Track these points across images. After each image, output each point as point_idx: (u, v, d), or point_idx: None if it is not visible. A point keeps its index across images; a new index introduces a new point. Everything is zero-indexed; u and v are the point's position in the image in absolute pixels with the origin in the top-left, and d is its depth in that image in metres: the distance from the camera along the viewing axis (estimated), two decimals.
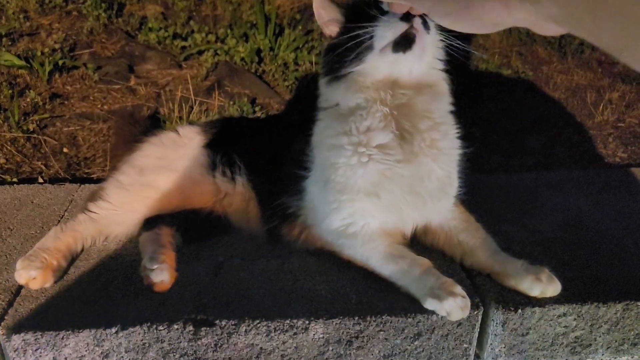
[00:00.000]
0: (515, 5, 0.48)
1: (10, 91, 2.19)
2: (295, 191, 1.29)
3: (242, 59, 2.59)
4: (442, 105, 1.20)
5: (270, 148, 1.43)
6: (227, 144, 1.44)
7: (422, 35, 1.07)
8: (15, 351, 1.07)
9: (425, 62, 1.13)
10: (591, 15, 0.43)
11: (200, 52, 2.63)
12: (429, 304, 1.08)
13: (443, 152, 1.19)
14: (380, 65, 1.12)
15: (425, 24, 1.07)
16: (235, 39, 2.66)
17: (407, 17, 1.05)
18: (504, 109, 2.39)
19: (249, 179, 1.40)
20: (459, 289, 1.08)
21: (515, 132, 2.23)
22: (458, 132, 1.23)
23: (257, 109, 2.29)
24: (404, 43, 1.08)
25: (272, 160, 1.38)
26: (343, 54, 1.12)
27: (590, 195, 1.62)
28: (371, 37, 1.08)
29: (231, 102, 2.29)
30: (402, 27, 1.06)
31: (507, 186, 1.68)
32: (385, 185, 1.16)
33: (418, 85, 1.16)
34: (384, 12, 1.08)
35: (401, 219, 1.22)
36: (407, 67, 1.13)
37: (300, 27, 2.78)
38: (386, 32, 1.07)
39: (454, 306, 1.05)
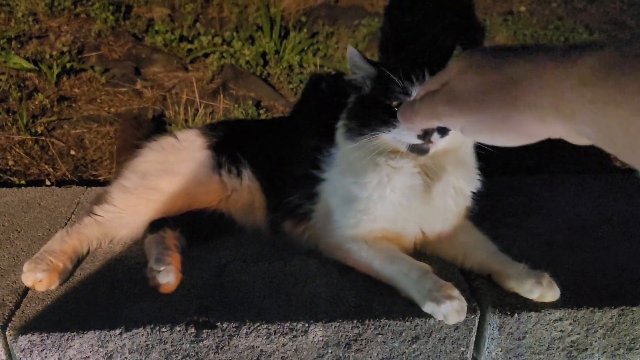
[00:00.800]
0: (550, 120, 0.49)
1: (19, 94, 2.23)
2: (309, 194, 1.33)
3: (248, 62, 2.62)
4: (465, 163, 1.25)
5: (275, 140, 1.48)
6: (230, 142, 1.48)
7: (437, 142, 1.10)
8: (22, 351, 1.09)
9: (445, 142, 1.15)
10: (630, 143, 0.43)
11: (206, 55, 2.66)
12: (427, 307, 1.10)
13: (461, 193, 1.26)
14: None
15: (443, 130, 1.08)
16: (241, 42, 2.68)
17: (424, 135, 1.07)
18: None
19: (254, 170, 1.43)
20: (456, 292, 1.10)
21: None
22: (478, 176, 1.28)
23: (261, 111, 2.31)
24: (418, 149, 1.12)
25: (278, 151, 1.43)
26: (364, 126, 1.14)
27: (590, 199, 1.64)
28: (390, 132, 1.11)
29: (236, 105, 2.31)
30: (417, 141, 1.10)
31: (507, 189, 1.69)
32: (402, 214, 1.23)
33: (440, 151, 1.18)
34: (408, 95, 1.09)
35: (411, 236, 1.29)
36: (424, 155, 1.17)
37: (305, 30, 2.80)
38: (402, 138, 1.10)
39: (450, 309, 1.07)
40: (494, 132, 0.55)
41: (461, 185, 1.25)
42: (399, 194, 1.21)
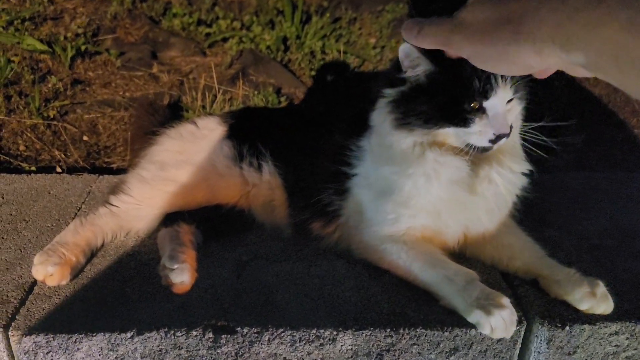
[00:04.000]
0: (547, 52, 0.53)
1: (31, 76, 2.14)
2: (339, 190, 1.22)
3: (268, 47, 2.51)
4: (514, 147, 1.16)
5: (298, 134, 1.37)
6: (251, 133, 1.37)
7: (501, 142, 1.04)
8: (25, 354, 1.01)
9: None
10: (615, 64, 0.47)
11: (225, 39, 2.56)
12: (474, 316, 0.99)
13: (513, 174, 1.15)
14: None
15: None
16: (261, 26, 2.57)
17: (496, 139, 1.03)
18: (540, 105, 2.26)
19: (275, 164, 1.33)
20: (507, 301, 0.99)
21: (554, 129, 2.11)
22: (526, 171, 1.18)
23: (282, 99, 2.20)
24: (481, 149, 1.06)
25: (302, 148, 1.32)
26: (425, 119, 1.05)
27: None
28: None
29: (256, 92, 2.21)
30: (487, 144, 1.04)
31: (549, 186, 1.56)
32: (446, 209, 1.13)
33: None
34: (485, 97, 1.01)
35: (454, 234, 1.18)
36: None
37: (327, 15, 2.68)
38: (471, 140, 1.04)
39: (500, 321, 0.96)
40: (497, 63, 0.60)
41: (511, 166, 1.14)
42: (444, 188, 1.10)
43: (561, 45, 0.51)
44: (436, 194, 1.10)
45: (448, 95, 1.02)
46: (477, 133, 1.02)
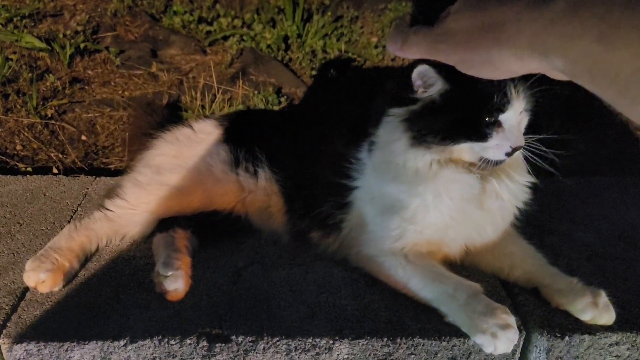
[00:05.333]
0: (527, 58, 0.55)
1: (30, 74, 2.13)
2: (341, 204, 1.20)
3: (269, 45, 2.49)
4: (517, 160, 1.13)
5: (296, 139, 1.34)
6: (248, 137, 1.35)
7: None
8: None
9: None
10: (588, 73, 0.50)
11: (225, 38, 2.54)
12: (479, 339, 0.97)
13: (517, 186, 1.14)
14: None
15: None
16: (262, 25, 2.55)
17: (512, 151, 1.02)
18: (544, 107, 2.23)
19: (272, 170, 1.31)
20: (512, 320, 0.97)
21: (557, 132, 2.08)
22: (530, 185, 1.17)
23: (282, 99, 2.18)
24: (496, 162, 1.05)
25: (301, 154, 1.30)
26: (442, 137, 1.03)
27: None
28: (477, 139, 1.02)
29: (256, 92, 2.19)
30: (503, 157, 1.03)
31: (551, 192, 1.54)
32: (454, 224, 1.10)
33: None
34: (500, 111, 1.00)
35: (458, 246, 1.16)
36: None
37: (329, 13, 2.66)
38: (487, 154, 1.02)
39: (506, 342, 0.94)
40: (481, 68, 0.62)
41: (516, 177, 1.12)
42: (456, 204, 1.08)
43: (539, 52, 0.53)
44: (447, 211, 1.08)
45: (464, 111, 1.00)
46: (494, 147, 1.01)
